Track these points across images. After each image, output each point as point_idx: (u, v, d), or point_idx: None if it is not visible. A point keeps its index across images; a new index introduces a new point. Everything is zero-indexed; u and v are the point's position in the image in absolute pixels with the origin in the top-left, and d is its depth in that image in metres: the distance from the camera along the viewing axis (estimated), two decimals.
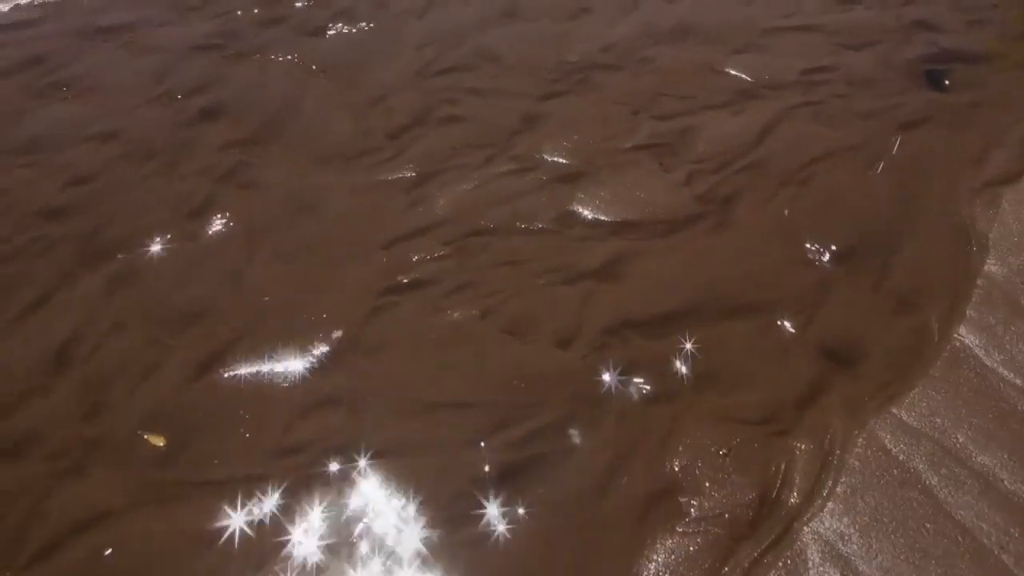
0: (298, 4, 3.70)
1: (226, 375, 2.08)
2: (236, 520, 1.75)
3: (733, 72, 3.14)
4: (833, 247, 2.33)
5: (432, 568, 1.66)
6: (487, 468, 1.83)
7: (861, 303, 2.17)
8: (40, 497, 1.82)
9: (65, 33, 3.55)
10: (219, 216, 2.57)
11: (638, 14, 3.54)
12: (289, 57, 3.34)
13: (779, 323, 2.13)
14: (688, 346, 2.08)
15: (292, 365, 2.09)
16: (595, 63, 3.21)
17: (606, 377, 2.02)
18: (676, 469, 1.82)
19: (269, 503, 1.79)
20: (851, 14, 3.48)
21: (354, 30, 3.49)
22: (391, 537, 1.72)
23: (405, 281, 2.31)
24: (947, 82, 3.01)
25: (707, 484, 1.79)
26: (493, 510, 1.75)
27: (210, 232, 2.52)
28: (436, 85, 3.14)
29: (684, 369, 2.03)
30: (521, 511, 1.74)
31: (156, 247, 2.46)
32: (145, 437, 1.94)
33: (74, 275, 2.39)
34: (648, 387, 1.99)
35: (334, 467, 1.85)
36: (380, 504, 1.77)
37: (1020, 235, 2.38)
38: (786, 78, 3.08)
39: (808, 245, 2.35)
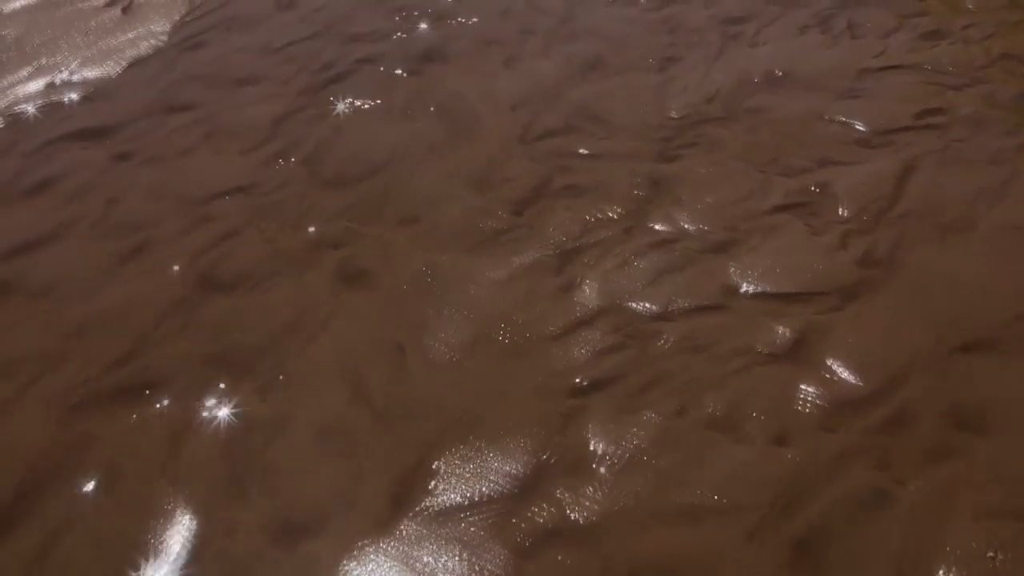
0: (376, 57, 3.52)
1: (419, 510, 1.88)
2: None
3: (844, 119, 3.07)
4: None
5: None
6: None
7: None
8: None
9: (142, 104, 3.31)
10: (357, 306, 2.37)
11: (726, 61, 3.46)
12: (380, 118, 3.15)
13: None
14: (916, 429, 1.96)
15: (491, 494, 1.91)
16: (702, 117, 3.11)
17: (837, 477, 1.89)
18: None
19: None
20: (938, 50, 3.46)
21: (442, 88, 3.32)
22: None
23: (586, 381, 2.15)
24: None
25: None
26: None
27: (350, 329, 2.32)
28: (544, 150, 2.99)
29: (919, 456, 1.91)
30: None
31: (300, 352, 2.26)
32: None
33: (217, 386, 2.18)
34: (889, 484, 1.86)
35: None
36: None
37: None
38: (900, 123, 3.03)
39: (1006, 298, 2.27)
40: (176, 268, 2.53)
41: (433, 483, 1.93)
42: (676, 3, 3.93)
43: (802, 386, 2.10)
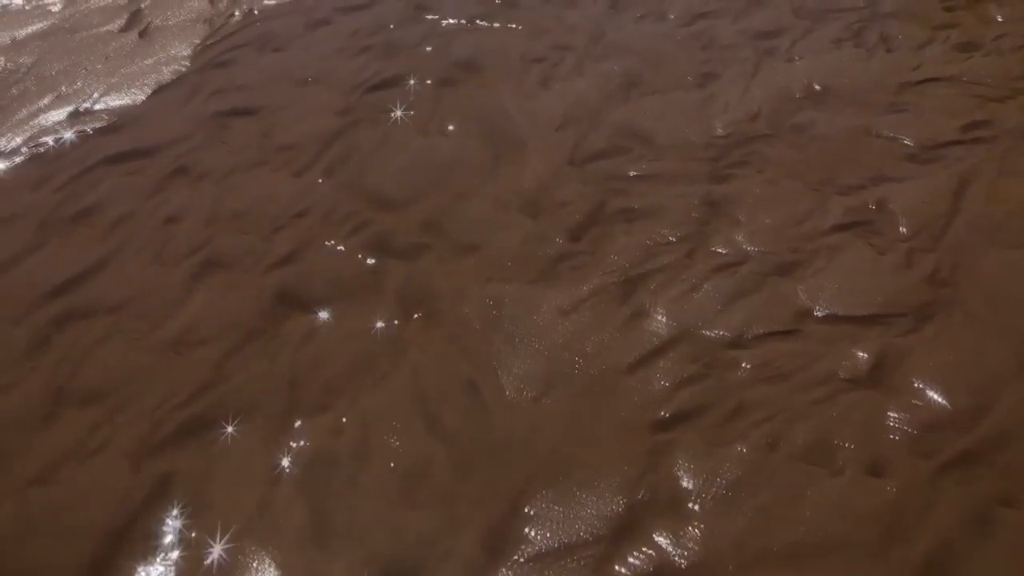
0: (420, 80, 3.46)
1: (515, 558, 1.82)
2: None
3: (891, 134, 3.06)
4: None
5: None
6: None
7: None
8: None
9: (177, 126, 3.22)
10: (424, 340, 2.31)
11: (764, 77, 3.44)
12: (425, 137, 3.09)
13: None
14: (1017, 447, 1.93)
15: (588, 538, 1.85)
16: (749, 135, 3.09)
17: (942, 504, 1.85)
18: None
19: None
20: (974, 61, 3.46)
21: (483, 106, 3.27)
22: None
23: (670, 414, 2.10)
24: None
25: None
26: None
27: (421, 365, 2.26)
28: (595, 173, 2.95)
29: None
30: None
31: (371, 388, 2.19)
32: None
33: (290, 423, 2.10)
34: (999, 509, 1.83)
35: None
36: None
37: None
38: (948, 136, 3.02)
39: None
40: (239, 296, 2.45)
41: (527, 529, 1.87)
42: (705, 18, 3.92)
43: (890, 412, 2.07)
